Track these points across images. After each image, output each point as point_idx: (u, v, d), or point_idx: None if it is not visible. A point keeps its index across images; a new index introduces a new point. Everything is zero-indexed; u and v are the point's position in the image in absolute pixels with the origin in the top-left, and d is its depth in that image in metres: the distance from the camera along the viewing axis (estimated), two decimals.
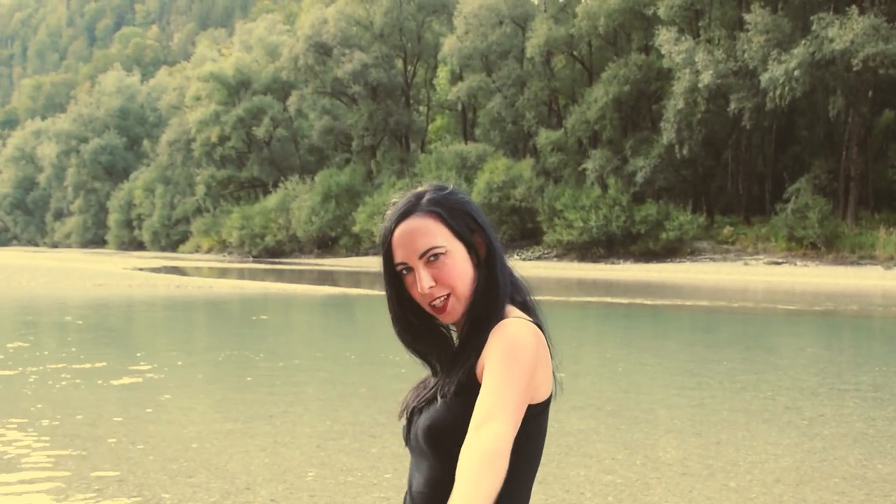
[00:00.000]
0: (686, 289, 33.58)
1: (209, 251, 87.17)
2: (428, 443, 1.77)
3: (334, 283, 36.97)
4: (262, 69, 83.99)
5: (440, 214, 1.78)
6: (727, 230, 49.71)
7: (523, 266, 50.39)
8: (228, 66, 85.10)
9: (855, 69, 41.83)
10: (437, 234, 1.76)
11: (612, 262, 49.96)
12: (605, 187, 52.77)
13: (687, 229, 48.90)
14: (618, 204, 51.02)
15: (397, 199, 1.85)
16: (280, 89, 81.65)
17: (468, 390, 1.74)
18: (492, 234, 1.84)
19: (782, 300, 27.51)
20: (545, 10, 60.92)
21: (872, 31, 40.66)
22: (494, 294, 1.82)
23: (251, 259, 73.53)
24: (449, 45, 63.84)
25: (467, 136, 70.79)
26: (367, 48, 71.70)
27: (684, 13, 51.62)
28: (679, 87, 47.76)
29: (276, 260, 69.67)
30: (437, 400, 1.79)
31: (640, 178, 51.46)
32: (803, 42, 42.94)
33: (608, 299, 27.43)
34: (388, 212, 1.84)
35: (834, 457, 6.98)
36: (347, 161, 77.89)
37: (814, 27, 43.09)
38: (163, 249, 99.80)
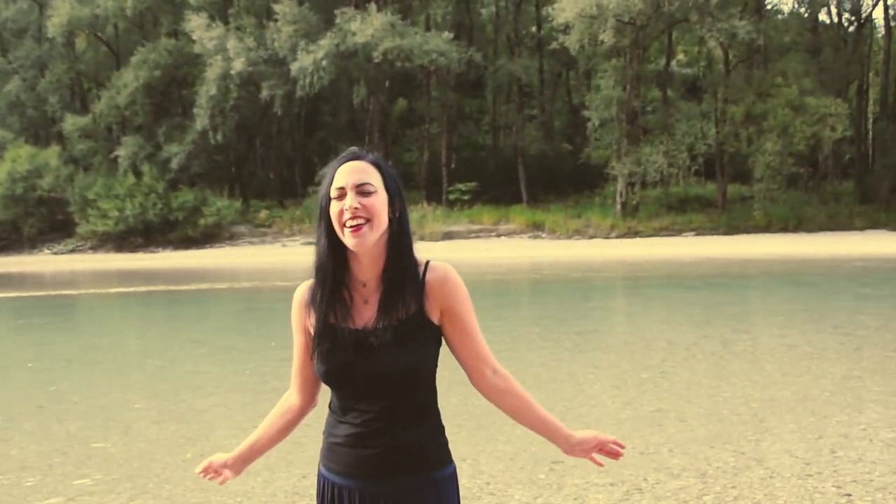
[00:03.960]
0: (228, 272, 34.05)
1: None
2: (407, 379, 2.14)
3: None
4: None
5: (380, 168, 2.23)
6: (263, 214, 51.06)
7: (56, 260, 47.97)
8: None
9: (375, 61, 45.13)
10: (374, 177, 2.19)
11: (152, 251, 49.10)
12: (139, 175, 51.45)
13: (225, 214, 49.56)
14: (154, 191, 50.21)
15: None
16: None
17: (428, 330, 2.19)
18: (405, 205, 2.27)
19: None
20: None
21: (390, 27, 44.13)
22: (409, 246, 2.24)
23: None
24: None
25: None
26: None
27: (214, 0, 51.94)
28: (212, 73, 48.03)
29: None
30: (405, 342, 2.13)
31: (174, 164, 51.08)
32: (329, 34, 45.38)
33: (151, 288, 27.12)
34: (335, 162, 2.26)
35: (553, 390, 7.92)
36: None
37: (338, 20, 45.73)
38: None
